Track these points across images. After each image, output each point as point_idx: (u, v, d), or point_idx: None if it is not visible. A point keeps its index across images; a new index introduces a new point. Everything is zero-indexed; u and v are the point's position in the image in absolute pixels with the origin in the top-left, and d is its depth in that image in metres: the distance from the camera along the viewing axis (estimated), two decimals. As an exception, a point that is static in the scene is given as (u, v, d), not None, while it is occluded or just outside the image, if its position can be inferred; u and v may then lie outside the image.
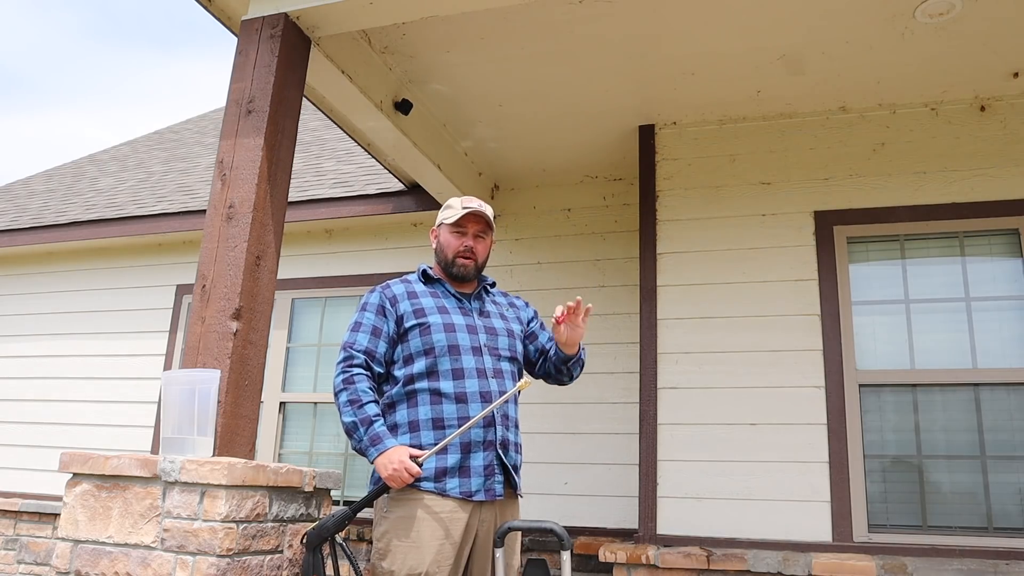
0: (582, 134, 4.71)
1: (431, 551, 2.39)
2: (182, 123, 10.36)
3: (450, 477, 2.46)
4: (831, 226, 4.09)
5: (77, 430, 6.09)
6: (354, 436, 2.46)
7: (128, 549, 2.52)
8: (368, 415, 2.45)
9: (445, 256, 2.69)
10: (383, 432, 2.44)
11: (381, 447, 2.41)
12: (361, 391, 2.48)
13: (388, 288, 2.66)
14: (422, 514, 2.43)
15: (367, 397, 2.48)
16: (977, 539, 3.58)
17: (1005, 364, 3.74)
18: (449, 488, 2.45)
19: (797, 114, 4.31)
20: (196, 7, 3.43)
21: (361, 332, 2.58)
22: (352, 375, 2.50)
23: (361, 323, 2.60)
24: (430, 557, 2.39)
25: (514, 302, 2.86)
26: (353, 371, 2.51)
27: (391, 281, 2.71)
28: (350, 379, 2.49)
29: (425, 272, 2.74)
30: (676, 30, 3.67)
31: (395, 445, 2.42)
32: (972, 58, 3.77)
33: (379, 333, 2.58)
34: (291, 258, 5.70)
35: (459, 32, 3.74)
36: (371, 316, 2.60)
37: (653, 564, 3.67)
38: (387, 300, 2.62)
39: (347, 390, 2.48)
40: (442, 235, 2.72)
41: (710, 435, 3.97)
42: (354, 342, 2.56)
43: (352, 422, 2.46)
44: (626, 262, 5.05)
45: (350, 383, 2.49)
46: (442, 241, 2.71)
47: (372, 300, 2.64)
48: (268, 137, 3.05)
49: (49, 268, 6.65)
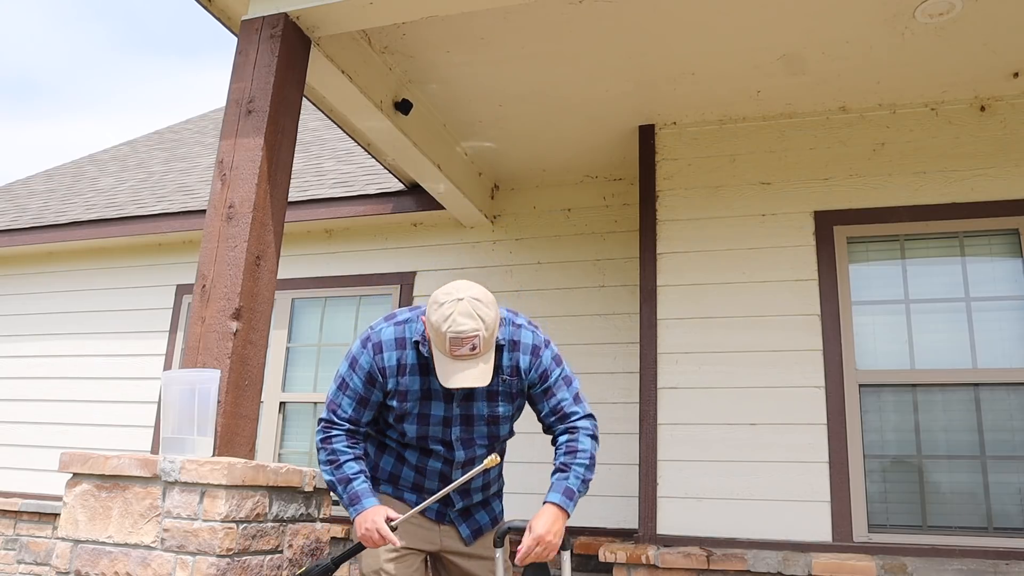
0: (582, 134, 4.71)
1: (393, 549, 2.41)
2: (182, 123, 10.36)
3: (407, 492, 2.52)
4: (831, 226, 4.09)
5: (77, 430, 6.09)
6: (335, 493, 2.43)
7: (128, 549, 2.52)
8: (346, 474, 2.39)
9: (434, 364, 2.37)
10: (362, 491, 2.38)
11: (359, 507, 2.35)
12: (339, 451, 2.41)
13: (380, 355, 2.40)
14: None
15: (345, 456, 2.41)
16: (977, 539, 3.57)
17: (1005, 364, 3.74)
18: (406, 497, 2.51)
19: (797, 114, 4.31)
20: (206, 13, 3.42)
21: (347, 397, 2.43)
22: (331, 435, 2.42)
23: (348, 385, 2.42)
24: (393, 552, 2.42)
25: (518, 364, 2.44)
26: (332, 432, 2.43)
27: (384, 338, 2.41)
28: (328, 439, 2.42)
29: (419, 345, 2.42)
30: (676, 30, 3.67)
31: (373, 506, 2.35)
32: (972, 58, 3.77)
33: (365, 402, 2.43)
34: (291, 258, 5.70)
35: (459, 32, 3.74)
36: (359, 383, 2.41)
37: (653, 564, 3.67)
38: (377, 371, 2.39)
39: (325, 450, 2.42)
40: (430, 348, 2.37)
41: (710, 435, 3.97)
42: (339, 406, 2.43)
43: (331, 481, 2.42)
44: (626, 262, 5.04)
45: (328, 443, 2.42)
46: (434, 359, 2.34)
47: (362, 364, 2.40)
48: (268, 137, 3.06)
49: (49, 268, 6.65)
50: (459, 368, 2.24)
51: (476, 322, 2.20)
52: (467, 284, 2.28)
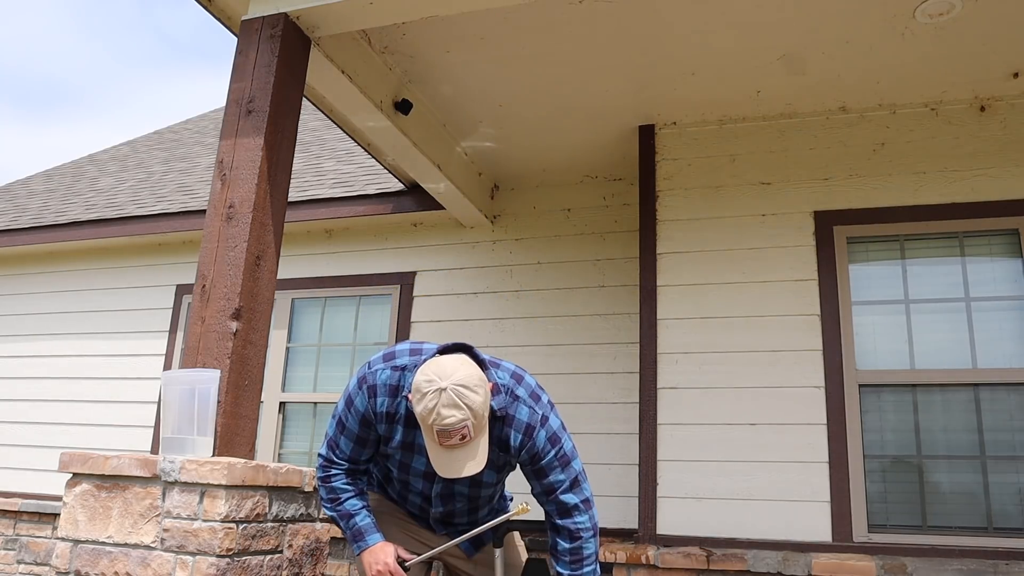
0: (582, 134, 4.71)
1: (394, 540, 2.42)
2: (182, 123, 10.35)
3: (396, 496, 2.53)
4: (831, 226, 4.09)
5: (77, 430, 6.09)
6: (339, 527, 2.42)
7: (128, 549, 2.52)
8: (348, 511, 2.36)
9: None
10: (365, 527, 2.34)
11: (363, 544, 2.33)
12: (339, 489, 2.37)
13: (374, 399, 2.29)
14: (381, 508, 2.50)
15: (346, 494, 2.37)
16: (977, 539, 3.58)
17: (1005, 364, 3.74)
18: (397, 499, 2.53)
19: (797, 114, 4.31)
20: (207, 13, 3.42)
21: (344, 437, 2.36)
22: (330, 475, 2.39)
23: (345, 426, 2.35)
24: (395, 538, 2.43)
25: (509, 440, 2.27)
26: (332, 471, 2.39)
27: (379, 381, 2.30)
28: (328, 478, 2.39)
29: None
30: (676, 30, 3.67)
31: (379, 542, 2.31)
32: (972, 58, 3.77)
33: (364, 443, 2.36)
34: (291, 258, 5.70)
35: (459, 32, 3.74)
36: (355, 424, 2.33)
37: (653, 564, 3.67)
38: (371, 414, 2.31)
39: (325, 487, 2.40)
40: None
41: (710, 435, 3.97)
42: (337, 444, 2.37)
43: (332, 515, 2.41)
44: (626, 262, 5.04)
45: (328, 481, 2.39)
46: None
47: (358, 406, 2.31)
48: (268, 137, 3.05)
49: (49, 268, 6.65)
50: (452, 457, 2.10)
51: (463, 412, 2.04)
52: (452, 366, 2.09)
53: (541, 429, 2.25)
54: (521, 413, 2.25)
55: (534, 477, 2.30)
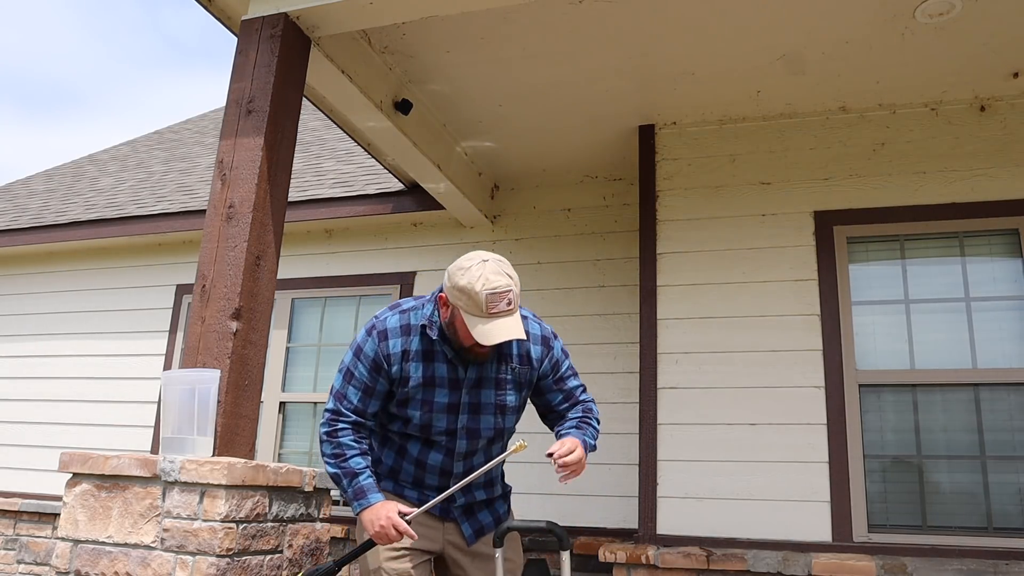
0: (582, 134, 4.71)
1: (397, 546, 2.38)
2: (182, 123, 10.36)
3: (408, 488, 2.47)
4: (831, 226, 4.09)
5: (77, 430, 6.09)
6: (339, 486, 2.39)
7: (128, 549, 2.52)
8: (352, 468, 2.35)
9: (458, 342, 2.36)
10: (368, 485, 2.34)
11: (365, 502, 2.32)
12: (345, 445, 2.37)
13: (385, 342, 2.38)
14: None
15: (351, 451, 2.37)
16: (977, 539, 3.58)
17: (1005, 364, 3.74)
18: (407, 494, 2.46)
19: (797, 114, 4.31)
20: (207, 13, 3.42)
21: (352, 386, 2.39)
22: (337, 429, 2.38)
23: (353, 375, 2.39)
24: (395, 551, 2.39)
25: (528, 352, 2.45)
26: (339, 425, 2.39)
27: (390, 325, 2.40)
28: (334, 433, 2.38)
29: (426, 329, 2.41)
30: (676, 30, 3.67)
31: (380, 500, 2.31)
32: (972, 58, 3.77)
33: (371, 391, 2.39)
34: (291, 258, 5.70)
35: (459, 32, 3.74)
36: (364, 372, 2.38)
37: (653, 564, 3.67)
38: (382, 358, 2.37)
39: (331, 443, 2.38)
40: (458, 320, 2.31)
41: (710, 435, 3.97)
42: (345, 395, 2.39)
43: (336, 473, 2.38)
44: (626, 262, 5.05)
45: (334, 436, 2.38)
46: (457, 327, 2.32)
47: (367, 352, 2.38)
48: (268, 137, 3.06)
49: (49, 268, 6.65)
50: (498, 325, 2.22)
51: (507, 279, 2.22)
52: (483, 251, 2.32)
53: (556, 340, 2.52)
54: (534, 328, 2.47)
55: (555, 388, 2.48)
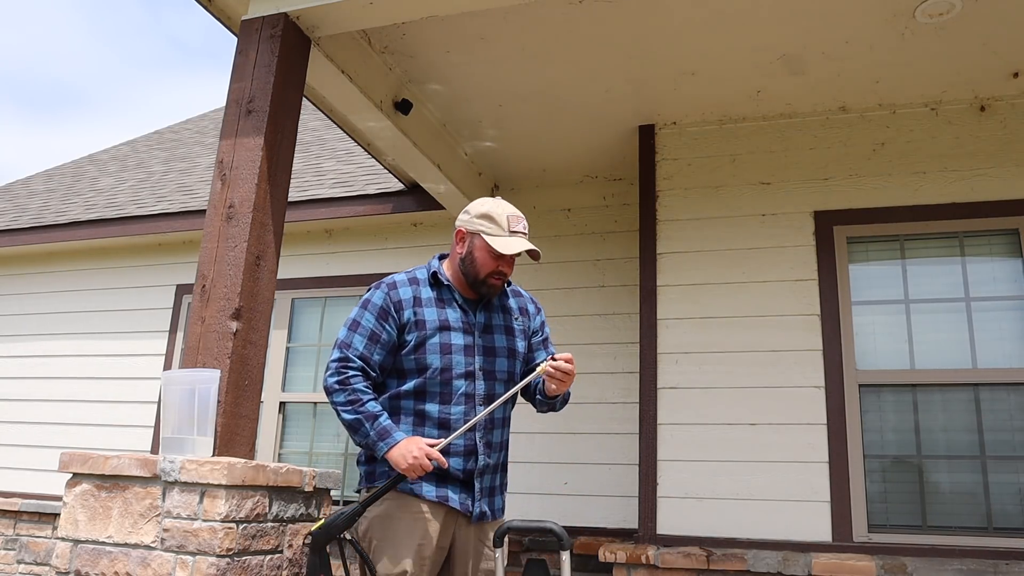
0: (582, 134, 4.71)
1: (410, 550, 2.38)
2: (182, 123, 10.36)
3: (426, 482, 2.44)
4: (831, 226, 4.09)
5: (77, 430, 6.09)
6: (359, 432, 2.39)
7: (128, 549, 2.52)
8: (371, 411, 2.38)
9: (475, 272, 2.51)
10: (390, 425, 2.38)
11: (391, 440, 2.35)
12: (359, 390, 2.40)
13: (395, 290, 2.52)
14: (399, 513, 2.42)
15: (366, 396, 2.40)
16: (977, 539, 3.57)
17: (1005, 364, 3.74)
18: (424, 491, 2.44)
19: (797, 114, 4.31)
20: (207, 12, 3.42)
21: (358, 334, 2.46)
22: (348, 376, 2.41)
23: (360, 324, 2.47)
24: (410, 556, 2.37)
25: (526, 307, 2.71)
26: (349, 372, 2.42)
27: (397, 278, 2.56)
28: (346, 380, 2.41)
29: (436, 275, 2.58)
30: (676, 30, 3.67)
31: (405, 437, 2.36)
32: (972, 58, 3.77)
33: (377, 339, 2.45)
34: (291, 258, 5.70)
35: (459, 32, 3.74)
36: (371, 319, 2.47)
37: (653, 564, 3.67)
38: (391, 304, 2.49)
39: (344, 391, 2.40)
40: (477, 247, 2.50)
41: (710, 435, 3.97)
42: (350, 343, 2.45)
43: (355, 419, 2.38)
44: (626, 262, 5.04)
45: (346, 384, 2.40)
46: (476, 255, 2.50)
47: (375, 301, 2.50)
48: (268, 137, 3.05)
49: (49, 268, 6.65)
50: (517, 239, 2.48)
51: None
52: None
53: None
54: (525, 293, 2.79)
55: (541, 347, 2.71)
